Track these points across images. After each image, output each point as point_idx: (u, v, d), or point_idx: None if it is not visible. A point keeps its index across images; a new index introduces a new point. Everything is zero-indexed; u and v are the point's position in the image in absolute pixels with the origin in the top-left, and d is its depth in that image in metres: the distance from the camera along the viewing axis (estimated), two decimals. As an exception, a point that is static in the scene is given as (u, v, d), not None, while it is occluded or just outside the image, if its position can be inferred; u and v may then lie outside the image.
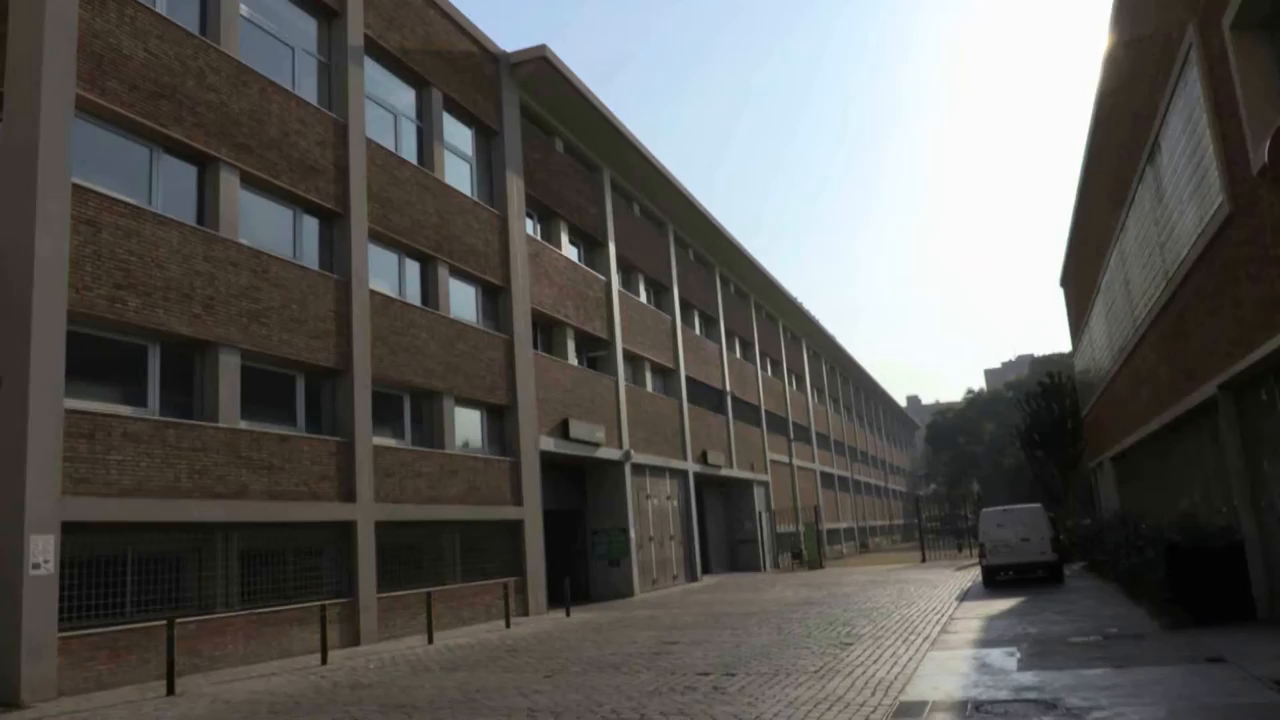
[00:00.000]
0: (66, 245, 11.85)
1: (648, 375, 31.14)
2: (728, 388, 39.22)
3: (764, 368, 46.61)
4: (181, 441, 13.23)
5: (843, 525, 59.49)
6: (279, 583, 14.85)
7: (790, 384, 51.69)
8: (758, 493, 41.11)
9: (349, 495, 16.23)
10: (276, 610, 14.45)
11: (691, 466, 33.13)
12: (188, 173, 14.44)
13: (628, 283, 30.76)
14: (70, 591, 11.61)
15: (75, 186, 12.11)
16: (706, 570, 35.28)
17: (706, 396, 36.65)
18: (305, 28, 17.41)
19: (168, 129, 13.72)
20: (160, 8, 14.08)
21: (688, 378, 34.18)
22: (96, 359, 12.56)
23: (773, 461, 44.36)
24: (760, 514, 40.78)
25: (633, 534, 27.11)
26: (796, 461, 49.20)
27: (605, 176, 29.04)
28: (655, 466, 29.94)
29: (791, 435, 48.95)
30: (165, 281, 13.28)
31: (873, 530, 70.64)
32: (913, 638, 12.99)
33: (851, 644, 12.60)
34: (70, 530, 11.53)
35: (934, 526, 50.12)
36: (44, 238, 11.55)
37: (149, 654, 12.17)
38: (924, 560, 36.56)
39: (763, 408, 44.52)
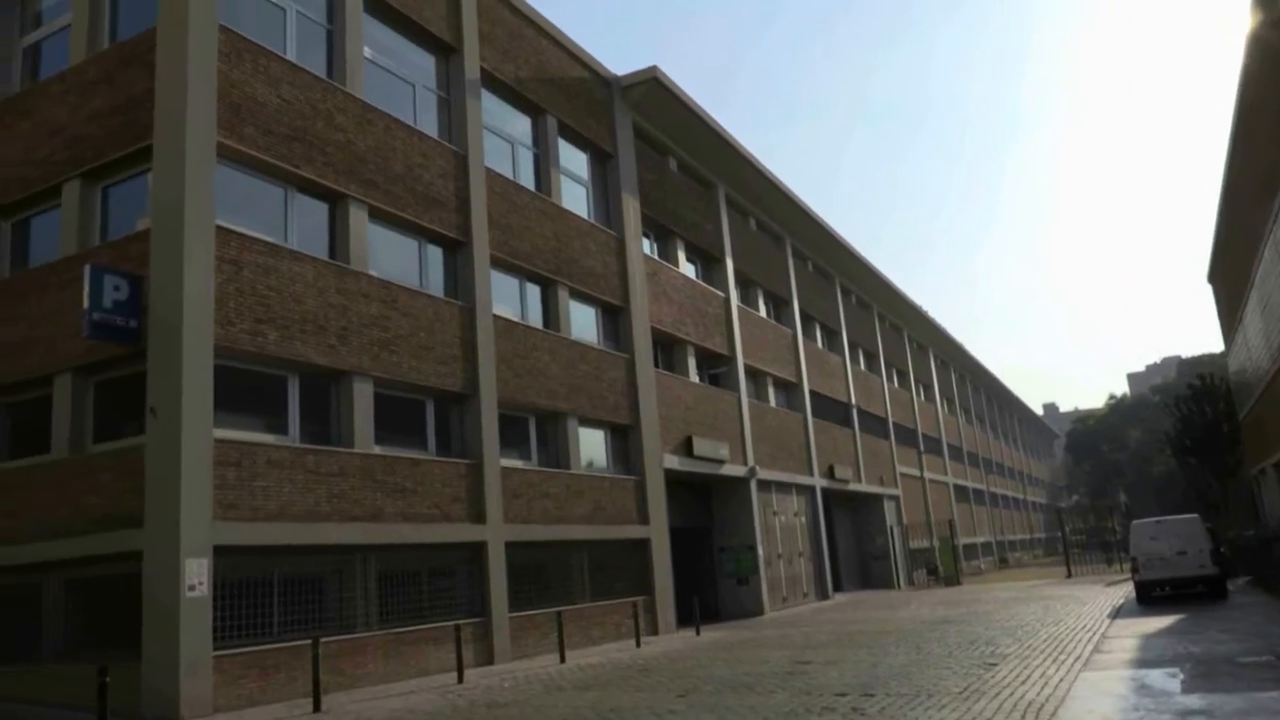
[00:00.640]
0: (212, 284, 12.52)
1: (770, 390, 30.81)
2: (853, 400, 38.43)
3: (890, 379, 45.49)
4: (320, 467, 13.76)
5: (980, 540, 57.33)
6: (415, 603, 15.24)
7: (918, 394, 50.28)
8: (888, 507, 40.03)
9: (479, 516, 16.56)
10: (413, 630, 14.82)
11: (818, 481, 32.54)
12: (319, 209, 15.08)
13: (747, 298, 30.55)
14: (222, 612, 12.18)
15: (219, 228, 12.79)
16: (838, 588, 34.52)
17: (831, 410, 36.00)
18: (424, 65, 18.00)
19: (300, 169, 14.37)
20: (290, 55, 14.79)
21: (811, 391, 33.65)
22: (241, 390, 13.20)
23: (903, 475, 43.16)
24: (891, 529, 39.68)
25: (760, 551, 26.77)
26: (928, 474, 47.72)
27: (720, 193, 28.99)
28: (781, 482, 29.52)
29: (922, 447, 47.54)
30: (302, 314, 13.88)
31: (1012, 545, 67.83)
32: (1063, 657, 12.33)
33: (996, 664, 12.05)
34: (221, 553, 12.10)
35: (1079, 540, 47.74)
36: (192, 278, 12.23)
37: (295, 672, 12.64)
38: (1069, 575, 34.84)
39: (890, 420, 43.42)
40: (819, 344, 36.58)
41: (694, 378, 25.78)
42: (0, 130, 15.03)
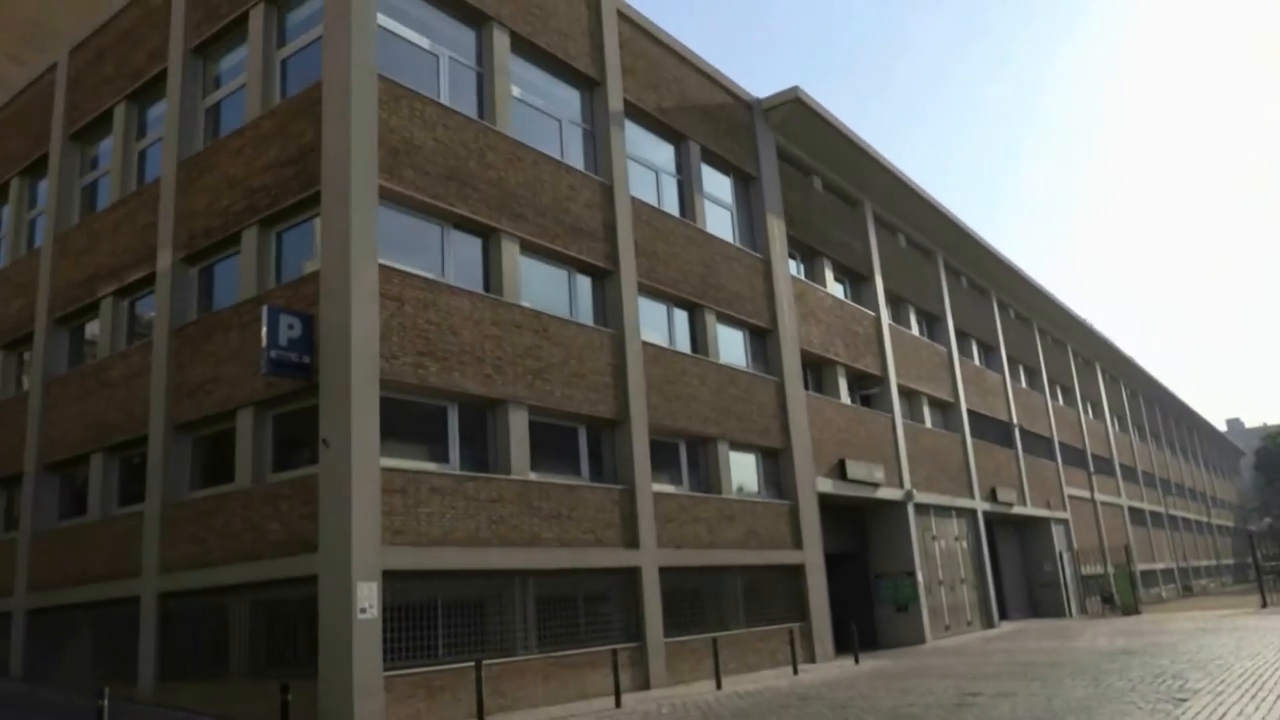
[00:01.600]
0: (377, 320, 13.15)
1: (925, 410, 29.86)
2: (1014, 419, 36.77)
3: (1054, 396, 43.30)
4: (480, 494, 14.17)
5: (1159, 566, 53.59)
6: (572, 627, 15.44)
7: (1085, 412, 47.65)
8: (1056, 532, 37.98)
9: (632, 541, 16.67)
10: (571, 654, 15.01)
11: (980, 505, 31.23)
12: (473, 244, 15.64)
13: (898, 316, 29.79)
14: (391, 635, 12.66)
15: (381, 267, 13.43)
16: (1004, 616, 32.94)
17: (991, 430, 34.55)
18: (569, 100, 18.48)
19: (455, 207, 14.96)
20: (444, 98, 15.45)
21: (969, 411, 32.40)
22: (404, 420, 13.77)
23: (1071, 497, 40.88)
24: (1061, 554, 37.60)
25: (920, 577, 25.87)
26: (1099, 496, 45.02)
27: (867, 209, 28.45)
28: (940, 506, 28.50)
29: (1091, 468, 44.92)
30: (460, 346, 14.39)
31: (1196, 571, 63.10)
32: (1262, 694, 11.34)
33: (1187, 699, 11.20)
34: (389, 578, 12.61)
35: (1274, 566, 43.94)
36: (358, 314, 12.88)
37: (459, 694, 12.99)
38: (1264, 605, 32.08)
39: (1055, 439, 41.29)
40: (976, 361, 35.25)
41: (845, 399, 25.27)
42: (187, 184, 16.28)
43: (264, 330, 12.90)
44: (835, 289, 26.57)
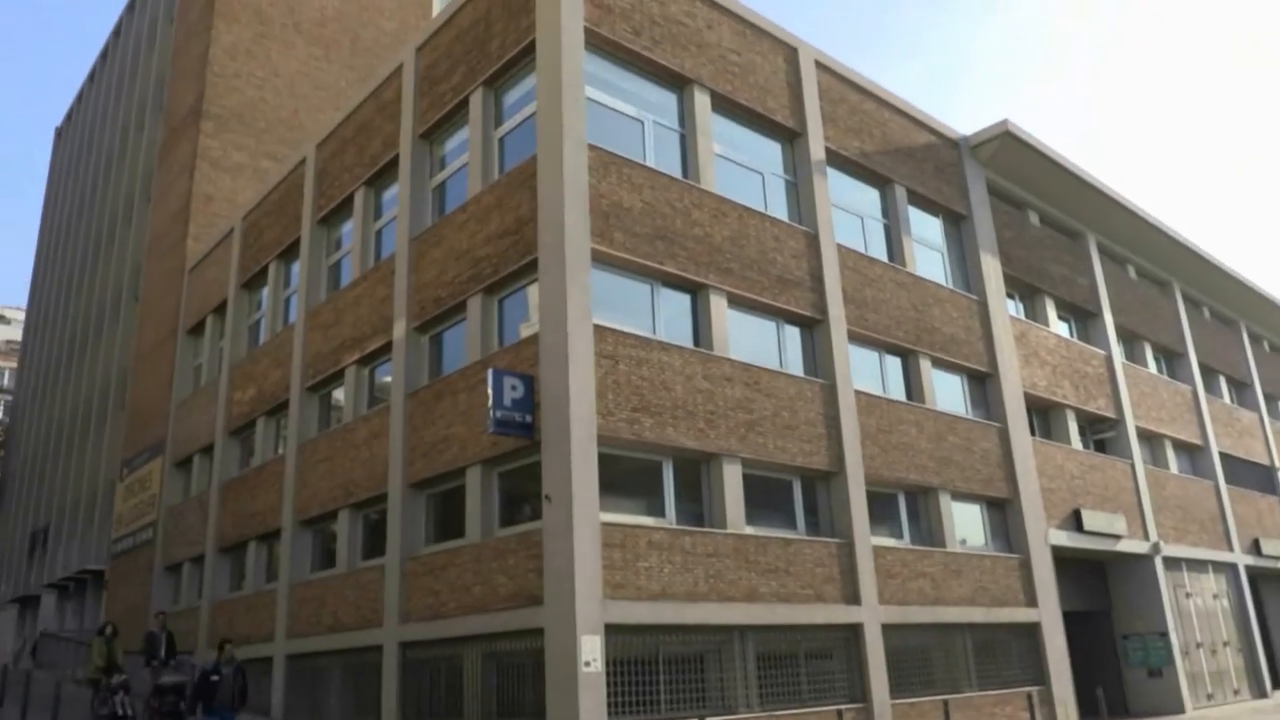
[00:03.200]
0: (593, 379, 13.59)
1: (1169, 454, 27.42)
2: (1276, 463, 33.10)
3: (1323, 436, 38.65)
4: (697, 548, 14.22)
5: None
6: (793, 685, 15.10)
7: (1364, 453, 42.17)
8: (1337, 589, 33.63)
9: (853, 597, 16.18)
10: (793, 713, 14.66)
11: (1240, 558, 28.20)
12: (682, 300, 15.92)
13: (1132, 353, 27.69)
14: (615, 688, 12.84)
15: (596, 327, 13.91)
16: (1277, 684, 29.38)
17: (1249, 475, 31.22)
18: (771, 152, 18.59)
19: (663, 265, 15.31)
20: (649, 161, 15.94)
21: (1221, 454, 29.47)
22: (621, 475, 14.09)
23: (1353, 549, 36.11)
24: (1345, 615, 33.21)
25: (1174, 639, 23.57)
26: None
27: (1090, 241, 26.77)
28: (1193, 560, 25.96)
29: (1376, 516, 39.60)
30: (672, 401, 14.61)
31: None
32: None
33: None
34: (611, 631, 12.83)
35: None
36: (576, 374, 13.37)
37: (684, 751, 12.95)
38: None
39: (1329, 484, 36.76)
40: (1225, 399, 32.11)
41: (1076, 444, 23.63)
42: (418, 259, 17.56)
43: (489, 392, 13.61)
44: (1059, 328, 25.05)
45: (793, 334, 17.59)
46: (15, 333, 75.46)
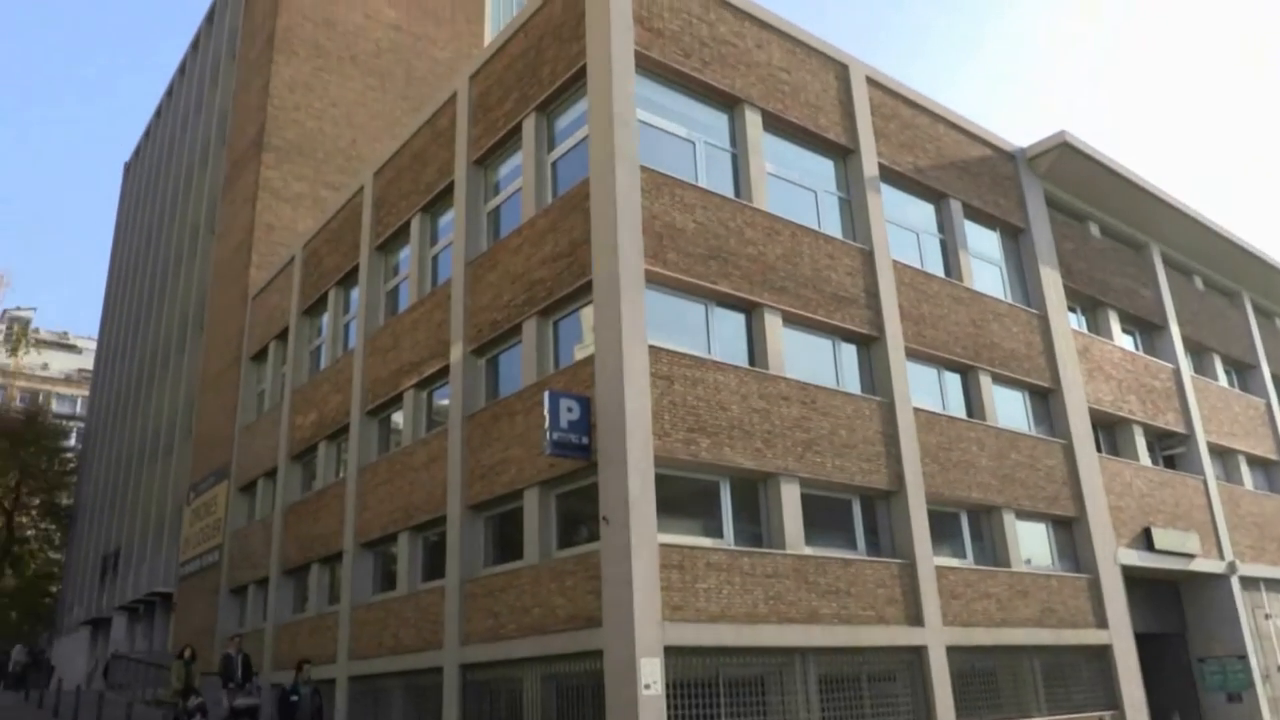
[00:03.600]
0: (649, 399, 13.59)
1: (1244, 470, 26.54)
2: (1358, 477, 31.82)
3: None
4: (755, 569, 14.10)
5: None
6: (856, 709, 14.86)
7: None
8: None
9: (916, 619, 15.89)
10: (858, 737, 14.41)
11: (1322, 577, 27.11)
12: (736, 320, 15.87)
13: (1201, 366, 26.92)
14: (675, 712, 12.74)
15: (651, 347, 13.92)
16: (1366, 709, 28.13)
17: (1329, 490, 30.05)
18: (823, 170, 18.50)
19: (717, 285, 15.29)
20: (701, 181, 15.96)
21: (1299, 469, 28.44)
22: (678, 496, 14.04)
23: None
24: None
25: (1254, 662, 22.72)
26: None
27: (1154, 252, 26.15)
28: (1273, 580, 25.04)
29: None
30: (728, 421, 14.54)
31: None
32: None
33: None
34: (671, 654, 12.75)
35: None
36: (631, 395, 13.38)
37: (746, 775, 12.79)
38: None
39: None
40: (1302, 412, 31.00)
41: (1144, 460, 23.00)
42: (474, 283, 17.76)
43: (545, 414, 13.68)
44: (1124, 341, 24.46)
45: (849, 352, 17.42)
46: (87, 362, 78.05)
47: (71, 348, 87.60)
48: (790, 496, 15.01)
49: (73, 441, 65.07)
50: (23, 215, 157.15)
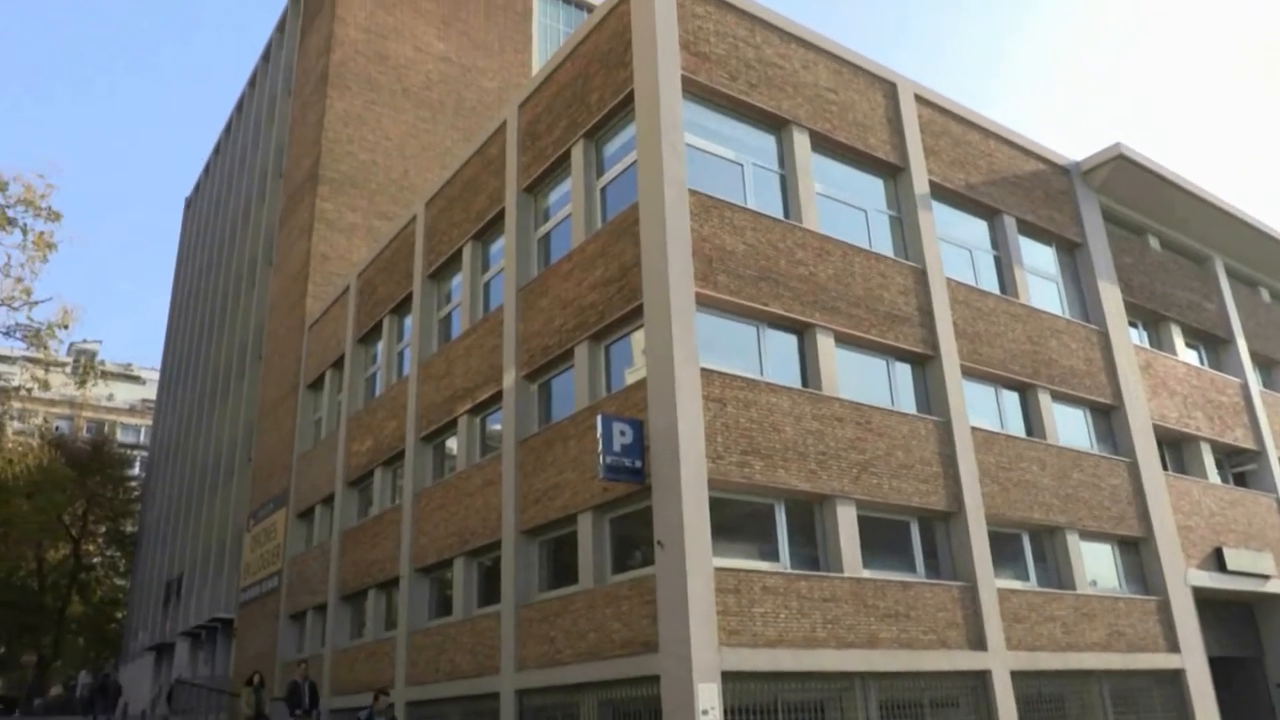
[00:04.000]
0: (701, 422, 13.54)
1: (1318, 487, 25.63)
2: None
3: None
4: (812, 593, 13.92)
5: None
6: (919, 736, 14.55)
7: None
8: None
9: (979, 643, 15.55)
10: (921, 765, 14.10)
11: (1407, 599, 26.01)
12: (788, 341, 15.77)
13: (1270, 380, 26.13)
14: (735, 738, 12.59)
15: (703, 370, 13.89)
16: None
17: None
18: (873, 189, 18.37)
19: (768, 306, 15.22)
20: (750, 203, 15.94)
21: (1377, 486, 27.38)
22: (733, 519, 13.94)
23: None
24: None
25: (1336, 687, 21.84)
26: None
27: (1217, 264, 25.51)
28: (1352, 600, 24.06)
29: None
30: (782, 443, 14.43)
31: None
32: None
33: None
34: (728, 679, 12.61)
35: None
36: (684, 418, 13.34)
37: (807, 804, 12.58)
38: None
39: None
40: (1379, 427, 29.90)
41: (1214, 478, 22.34)
42: (526, 309, 17.90)
43: (599, 438, 13.69)
44: (1188, 356, 23.85)
45: (903, 371, 17.21)
46: (150, 392, 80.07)
47: (135, 379, 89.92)
48: (846, 518, 14.82)
49: (137, 470, 66.67)
50: (89, 250, 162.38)
